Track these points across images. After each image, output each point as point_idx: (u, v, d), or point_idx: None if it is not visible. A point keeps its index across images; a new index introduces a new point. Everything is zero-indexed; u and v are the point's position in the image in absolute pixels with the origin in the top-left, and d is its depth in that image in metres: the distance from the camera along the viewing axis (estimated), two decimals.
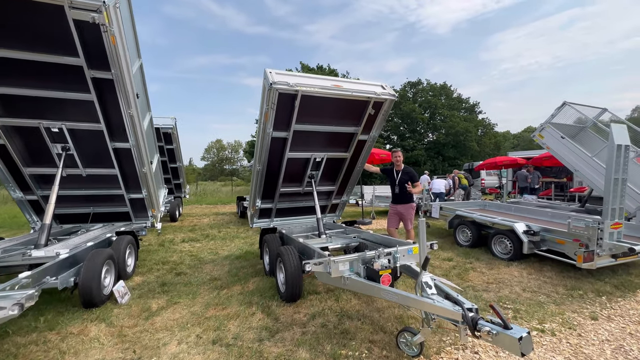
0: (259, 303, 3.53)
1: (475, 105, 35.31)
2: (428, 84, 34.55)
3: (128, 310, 3.40)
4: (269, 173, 4.69)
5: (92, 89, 4.03)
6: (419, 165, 29.19)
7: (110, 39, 3.66)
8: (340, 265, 2.88)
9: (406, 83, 35.26)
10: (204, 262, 5.30)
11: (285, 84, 3.62)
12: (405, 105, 31.52)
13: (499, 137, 37.84)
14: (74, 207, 5.39)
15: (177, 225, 9.14)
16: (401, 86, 35.35)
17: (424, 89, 34.39)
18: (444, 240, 6.55)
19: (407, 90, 35.01)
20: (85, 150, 4.71)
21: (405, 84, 35.24)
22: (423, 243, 2.58)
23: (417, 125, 32.80)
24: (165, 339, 2.83)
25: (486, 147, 33.25)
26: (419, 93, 34.38)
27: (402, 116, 32.53)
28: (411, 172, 5.13)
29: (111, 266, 3.84)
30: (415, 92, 34.62)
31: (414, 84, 34.80)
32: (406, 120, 32.85)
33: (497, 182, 17.70)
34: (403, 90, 34.65)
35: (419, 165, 29.19)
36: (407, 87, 35.30)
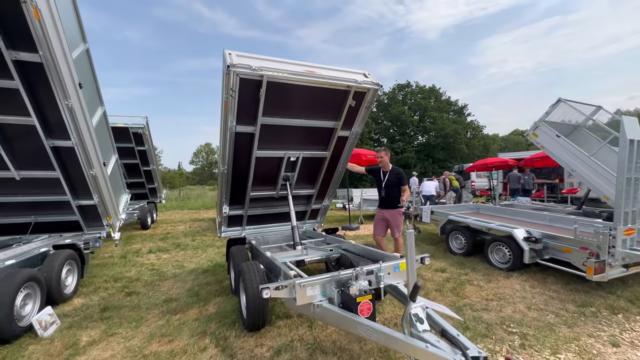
0: (215, 333, 2.88)
1: (464, 107, 35.43)
2: (417, 86, 34.54)
3: (47, 347, 2.71)
4: (236, 175, 4.06)
5: (15, 75, 3.34)
6: (409, 167, 28.94)
7: (33, 13, 2.99)
8: (309, 289, 2.28)
9: (395, 85, 35.18)
10: (164, 278, 4.62)
11: (246, 67, 3.02)
12: (395, 108, 31.35)
13: (487, 140, 38.02)
14: (11, 216, 4.64)
15: (148, 234, 8.37)
16: (390, 88, 35.24)
17: (413, 91, 34.33)
18: (435, 248, 6.01)
19: (396, 92, 34.90)
20: (16, 149, 3.99)
21: (394, 86, 35.15)
22: (412, 262, 2.00)
23: (407, 128, 32.63)
24: None
25: (475, 149, 33.30)
26: (408, 95, 34.30)
27: (392, 118, 32.35)
28: (400, 173, 4.59)
29: (35, 290, 3.14)
30: (405, 94, 34.53)
31: (403, 86, 34.73)
32: (396, 123, 32.66)
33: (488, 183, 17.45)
34: (392, 92, 34.55)
35: (409, 167, 28.94)
36: (397, 90, 35.19)
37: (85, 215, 4.97)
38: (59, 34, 3.41)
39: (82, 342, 2.81)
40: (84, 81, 4.14)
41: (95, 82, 4.62)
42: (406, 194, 4.45)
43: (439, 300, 3.53)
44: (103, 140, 4.89)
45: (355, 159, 8.36)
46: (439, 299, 3.59)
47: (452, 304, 3.44)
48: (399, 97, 34.77)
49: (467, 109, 35.78)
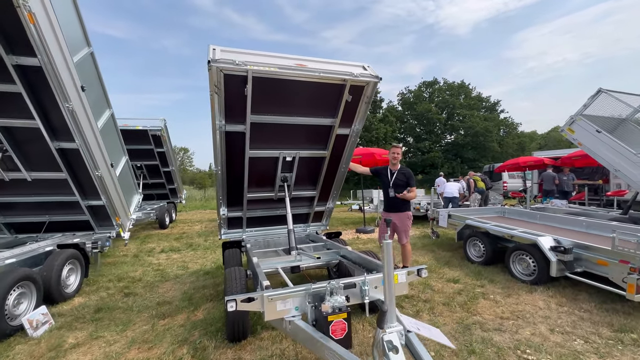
0: (195, 342, 2.75)
1: (496, 104, 33.38)
2: (445, 83, 33.07)
3: (33, 348, 2.72)
4: (231, 176, 3.93)
5: (16, 79, 3.44)
6: (436, 167, 27.76)
7: (27, 17, 3.04)
8: (279, 303, 2.05)
9: (422, 83, 33.92)
10: (165, 279, 4.61)
11: (230, 62, 2.85)
12: (421, 106, 30.21)
13: (523, 138, 35.52)
14: (27, 215, 4.87)
15: (165, 233, 8.59)
16: (416, 86, 34.08)
17: (440, 88, 32.92)
18: (452, 255, 5.53)
19: (422, 90, 33.66)
20: (26, 151, 4.15)
21: (420, 84, 33.91)
22: (389, 278, 1.70)
23: (433, 126, 31.34)
24: None
25: (509, 147, 31.21)
26: (435, 93, 32.93)
27: (418, 117, 31.23)
28: (408, 173, 4.23)
29: (30, 289, 3.20)
30: (432, 91, 33.19)
31: (430, 84, 33.40)
32: (422, 121, 31.49)
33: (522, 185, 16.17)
34: (418, 90, 33.37)
35: (436, 167, 27.76)
36: (423, 87, 33.93)
37: (95, 215, 5.11)
38: (58, 38, 3.47)
39: (66, 344, 2.80)
40: (88, 84, 4.22)
41: (101, 85, 4.71)
42: (411, 195, 4.08)
43: (445, 317, 3.15)
44: (111, 142, 4.99)
45: (369, 158, 8.00)
46: (445, 314, 3.21)
47: (459, 321, 3.05)
48: (425, 95, 33.51)
49: (500, 105, 33.71)
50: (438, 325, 2.94)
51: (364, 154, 8.00)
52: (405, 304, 3.47)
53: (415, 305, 3.41)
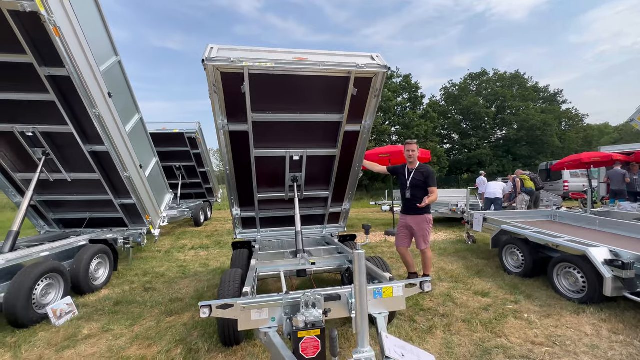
0: (192, 343, 2.74)
1: (557, 94, 29.83)
2: (495, 74, 30.36)
3: (52, 336, 2.93)
4: (240, 176, 3.91)
5: (49, 88, 3.78)
6: (483, 166, 25.66)
7: (53, 31, 3.31)
8: (254, 312, 1.91)
9: (468, 75, 31.56)
10: (185, 276, 4.77)
11: (225, 59, 2.79)
12: (467, 100, 28.10)
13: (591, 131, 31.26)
14: (72, 212, 5.39)
15: (199, 231, 9.02)
16: (462, 78, 31.81)
17: (490, 80, 30.30)
18: (487, 263, 4.93)
19: (469, 82, 31.33)
20: (65, 154, 4.57)
21: (466, 76, 31.59)
22: (361, 294, 1.46)
23: (481, 121, 28.99)
24: None
25: (572, 142, 27.68)
26: (483, 85, 30.41)
27: (463, 112, 29.13)
28: (427, 172, 3.84)
29: (58, 280, 3.48)
30: (479, 84, 30.72)
31: (478, 75, 30.95)
32: (468, 116, 29.32)
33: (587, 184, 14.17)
34: (464, 83, 31.12)
35: (483, 166, 25.66)
36: (469, 80, 31.57)
37: (128, 212, 5.48)
38: (83, 49, 3.74)
39: (80, 334, 2.97)
40: (116, 91, 4.52)
41: (130, 91, 5.03)
42: (432, 198, 3.68)
43: (462, 336, 2.76)
44: (140, 144, 5.32)
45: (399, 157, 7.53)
46: (464, 333, 2.81)
47: (478, 343, 2.64)
48: (472, 88, 31.13)
49: (561, 95, 30.06)
50: (451, 347, 2.58)
51: (392, 152, 7.57)
52: (419, 317, 3.12)
53: (429, 320, 3.05)
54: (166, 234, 8.52)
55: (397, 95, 24.94)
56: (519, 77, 29.74)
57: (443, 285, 4.01)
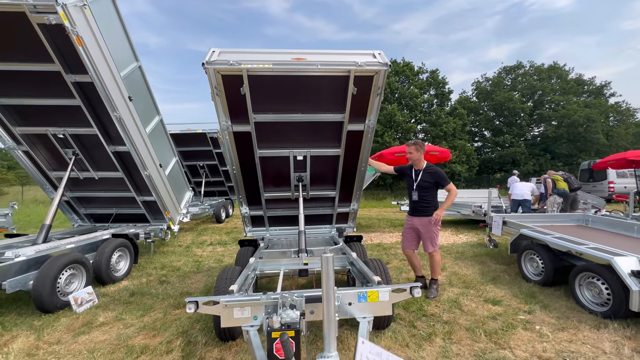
0: (192, 335, 2.85)
1: (604, 86, 27.30)
2: (532, 66, 28.41)
3: (72, 322, 3.20)
4: (247, 175, 4.01)
5: (75, 94, 4.09)
6: (518, 165, 24.16)
7: (76, 40, 3.58)
8: (237, 310, 1.95)
9: (501, 68, 29.84)
10: (199, 271, 4.97)
11: (224, 62, 2.87)
12: (500, 94, 26.56)
13: None
14: (101, 207, 5.82)
15: (220, 227, 9.35)
16: (495, 72, 30.13)
17: (526, 73, 28.43)
18: (505, 270, 4.65)
19: (502, 76, 29.62)
20: (92, 154, 4.94)
21: (500, 69, 29.87)
22: (328, 300, 1.44)
23: (516, 117, 27.30)
24: None
25: (621, 139, 25.22)
26: (519, 78, 28.59)
27: (496, 107, 27.60)
28: (435, 173, 3.69)
29: (80, 271, 3.78)
30: (514, 77, 28.92)
31: (512, 69, 29.16)
32: (502, 112, 27.73)
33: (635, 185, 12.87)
34: (498, 77, 29.47)
35: (518, 165, 24.16)
36: (503, 73, 29.82)
37: (150, 209, 5.82)
38: (105, 56, 4.00)
39: (96, 322, 3.21)
40: (137, 94, 4.80)
41: (150, 94, 5.31)
42: (450, 197, 3.55)
43: (462, 345, 2.63)
44: (160, 144, 5.61)
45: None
46: (464, 342, 2.67)
47: (478, 354, 2.50)
48: (506, 82, 29.38)
49: (609, 87, 27.47)
50: (448, 356, 2.47)
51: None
52: (420, 323, 3.02)
53: (430, 326, 2.94)
54: (189, 230, 8.93)
55: (423, 91, 24.15)
56: (557, 69, 27.59)
57: (452, 291, 3.84)
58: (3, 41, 3.63)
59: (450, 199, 3.63)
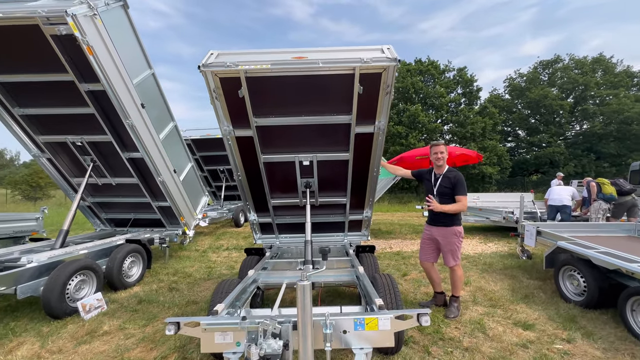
0: (188, 351, 2.72)
1: None
2: (572, 59, 26.30)
3: (77, 330, 3.19)
4: (252, 181, 3.86)
5: (89, 102, 4.18)
6: (556, 166, 22.39)
7: (87, 50, 3.63)
8: (218, 335, 1.76)
9: (537, 63, 27.93)
10: (209, 278, 4.90)
11: (221, 65, 2.73)
12: (535, 91, 24.82)
13: None
14: (120, 212, 5.96)
15: (238, 231, 9.37)
16: (530, 67, 28.25)
17: (566, 67, 26.34)
18: (540, 286, 4.13)
19: (538, 71, 27.70)
20: (109, 161, 5.04)
21: (536, 64, 27.97)
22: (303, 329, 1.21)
23: (554, 115, 25.37)
24: None
25: None
26: (557, 73, 26.58)
27: (531, 105, 25.82)
28: (455, 178, 3.33)
29: (90, 277, 3.82)
30: (552, 72, 26.94)
31: (550, 63, 27.20)
32: (537, 110, 25.91)
33: None
34: (533, 72, 27.59)
35: (556, 166, 22.39)
36: (540, 68, 27.89)
37: (165, 214, 5.87)
38: (116, 64, 4.05)
39: (100, 330, 3.19)
40: (150, 102, 4.85)
41: (164, 101, 5.35)
42: (454, 207, 3.18)
43: None
44: (174, 150, 5.64)
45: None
46: None
47: None
48: (542, 78, 27.44)
49: None
50: None
51: None
52: (436, 348, 2.68)
53: (448, 353, 2.59)
54: (208, 234, 9.02)
55: (449, 90, 23.13)
56: (603, 61, 25.29)
57: (476, 310, 3.43)
58: (20, 54, 3.77)
59: (456, 208, 3.24)
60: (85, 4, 3.57)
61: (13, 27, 3.45)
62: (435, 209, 3.19)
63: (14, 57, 3.83)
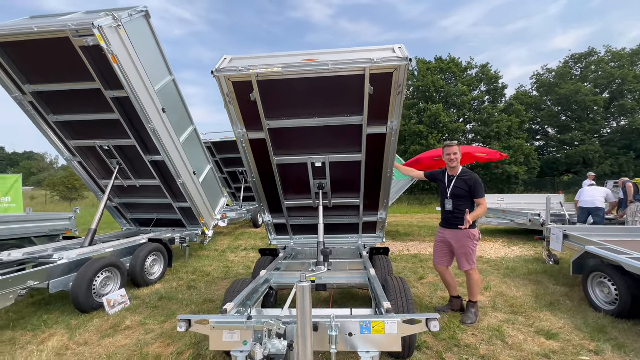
0: (202, 348, 2.80)
1: None
2: (608, 51, 24.66)
3: (102, 324, 3.38)
4: (266, 183, 3.93)
5: (114, 108, 4.41)
6: (590, 166, 21.07)
7: (111, 59, 3.85)
8: (226, 333, 1.80)
9: (569, 57, 26.44)
10: (226, 277, 5.02)
11: (234, 69, 2.80)
12: (566, 86, 23.50)
13: None
14: (144, 213, 6.24)
15: (257, 232, 9.53)
16: (561, 62, 26.80)
17: (600, 60, 24.75)
18: (567, 293, 3.90)
19: (570, 66, 26.22)
20: (133, 164, 5.30)
21: (567, 58, 26.50)
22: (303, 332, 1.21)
23: (587, 111, 23.90)
24: None
25: None
26: (590, 67, 25.03)
27: (561, 101, 24.48)
28: (471, 180, 3.22)
29: (115, 274, 4.02)
30: (585, 66, 25.40)
31: (582, 57, 25.65)
32: (569, 106, 24.51)
33: None
34: (564, 66, 26.15)
35: (590, 166, 21.07)
36: (571, 62, 26.39)
37: (186, 214, 6.08)
38: (139, 71, 4.26)
39: (123, 325, 3.35)
40: (171, 106, 5.05)
41: (184, 106, 5.55)
42: (477, 212, 3.07)
43: None
44: (194, 153, 5.83)
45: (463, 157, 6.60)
46: None
47: None
48: (574, 72, 25.94)
49: None
50: None
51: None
52: (450, 355, 2.60)
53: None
54: (227, 234, 9.25)
55: (472, 88, 22.38)
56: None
57: (496, 317, 3.29)
58: (53, 65, 4.05)
59: (479, 213, 3.13)
60: (110, 16, 3.78)
61: (46, 41, 3.71)
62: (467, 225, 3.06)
63: (48, 68, 4.13)
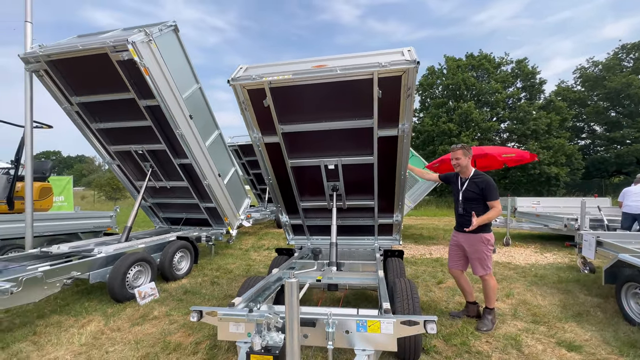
0: (218, 341, 2.98)
1: None
2: None
3: (134, 313, 3.70)
4: (282, 185, 4.08)
5: (147, 116, 4.81)
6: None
7: (144, 71, 4.22)
8: (232, 324, 1.94)
9: (619, 47, 24.14)
10: (247, 275, 5.25)
11: (248, 77, 2.98)
12: (615, 80, 21.50)
13: None
14: (174, 212, 6.68)
15: (280, 232, 9.77)
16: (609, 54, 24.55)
17: None
18: (599, 304, 3.63)
19: (620, 57, 23.94)
20: (164, 167, 5.71)
21: (617, 49, 24.20)
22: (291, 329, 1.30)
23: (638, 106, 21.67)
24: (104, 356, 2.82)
25: None
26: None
27: (610, 96, 22.44)
28: (482, 183, 3.13)
29: (145, 268, 4.37)
30: (638, 57, 23.05)
31: (635, 47, 23.29)
32: (619, 101, 22.41)
33: None
34: (613, 58, 23.92)
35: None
36: (622, 54, 24.08)
37: (211, 214, 6.43)
38: (168, 82, 4.62)
39: (151, 315, 3.65)
40: (197, 113, 5.40)
41: (210, 112, 5.90)
42: (488, 216, 2.98)
43: None
44: (219, 156, 6.16)
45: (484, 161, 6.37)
46: None
47: None
48: (625, 64, 23.64)
49: None
50: None
51: (476, 155, 6.46)
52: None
53: None
54: (252, 234, 9.59)
55: (507, 85, 21.22)
56: None
57: (514, 325, 3.16)
58: (94, 78, 4.52)
59: (490, 215, 3.02)
60: (143, 32, 4.15)
61: (89, 57, 4.16)
62: (473, 227, 2.99)
63: (91, 81, 4.60)
